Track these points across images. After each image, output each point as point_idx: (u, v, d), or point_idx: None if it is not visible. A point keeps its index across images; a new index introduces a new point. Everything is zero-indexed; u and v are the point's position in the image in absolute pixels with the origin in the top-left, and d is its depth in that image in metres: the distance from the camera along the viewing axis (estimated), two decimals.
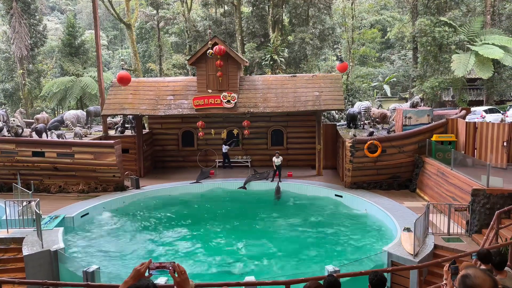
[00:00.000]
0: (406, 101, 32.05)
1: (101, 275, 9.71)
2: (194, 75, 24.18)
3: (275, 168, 18.56)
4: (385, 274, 5.31)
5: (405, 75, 39.61)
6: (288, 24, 35.54)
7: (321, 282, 4.21)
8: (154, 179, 19.64)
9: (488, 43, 27.45)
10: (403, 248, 10.70)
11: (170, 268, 2.58)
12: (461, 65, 26.28)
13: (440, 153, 15.53)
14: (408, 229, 11.54)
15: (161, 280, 8.11)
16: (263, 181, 18.80)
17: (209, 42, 18.42)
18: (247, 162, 21.90)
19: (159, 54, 38.80)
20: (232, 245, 13.13)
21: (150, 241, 13.52)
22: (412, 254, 10.21)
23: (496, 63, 27.81)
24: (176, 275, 2.54)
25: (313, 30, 32.29)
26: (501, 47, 26.74)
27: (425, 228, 11.19)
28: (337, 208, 16.06)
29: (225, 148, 21.27)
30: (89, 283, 8.41)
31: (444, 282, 5.23)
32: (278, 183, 18.25)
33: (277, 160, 18.37)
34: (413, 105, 20.14)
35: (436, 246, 10.91)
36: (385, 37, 44.97)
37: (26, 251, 10.97)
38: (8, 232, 12.16)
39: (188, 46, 38.76)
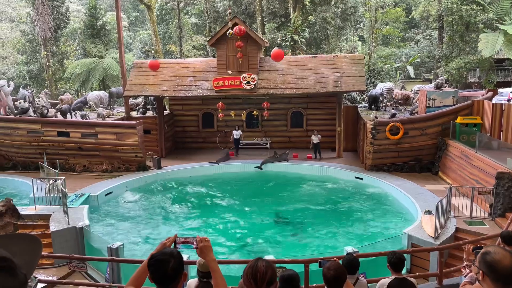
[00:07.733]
0: (430, 83, 31.25)
1: (125, 251, 10.00)
2: (214, 56, 24.13)
3: (311, 146, 19.24)
4: (405, 255, 5.31)
5: (430, 55, 38.49)
6: (309, 3, 34.81)
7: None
8: (175, 159, 19.91)
9: None
10: (423, 230, 10.62)
11: (194, 243, 2.65)
12: (489, 45, 25.37)
13: (465, 135, 15.19)
14: (429, 212, 11.43)
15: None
16: (282, 162, 18.84)
17: (229, 23, 18.27)
18: (267, 143, 21.91)
19: (179, 36, 38.76)
20: (251, 224, 13.30)
21: (172, 219, 13.84)
22: (432, 237, 10.12)
23: None
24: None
25: (335, 10, 31.58)
26: None
27: (447, 210, 11.05)
28: (357, 190, 15.99)
29: (236, 134, 20.37)
30: (114, 257, 8.70)
31: (465, 264, 5.21)
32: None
33: (315, 139, 18.93)
34: (438, 86, 19.65)
35: (457, 229, 10.77)
36: (410, 16, 43.57)
37: (53, 227, 11.35)
38: (35, 209, 12.60)
39: (208, 27, 38.59)
